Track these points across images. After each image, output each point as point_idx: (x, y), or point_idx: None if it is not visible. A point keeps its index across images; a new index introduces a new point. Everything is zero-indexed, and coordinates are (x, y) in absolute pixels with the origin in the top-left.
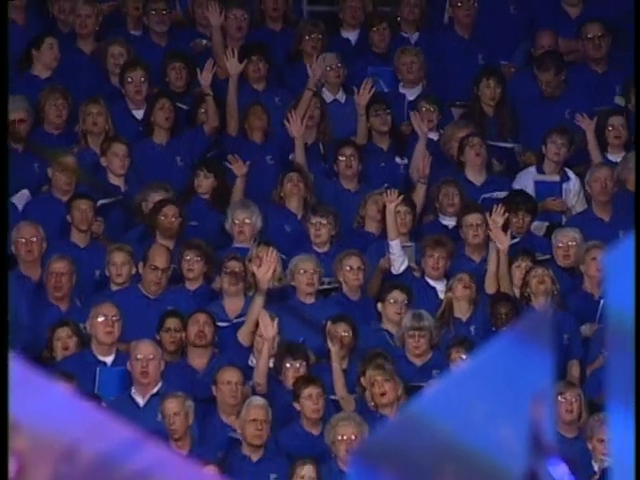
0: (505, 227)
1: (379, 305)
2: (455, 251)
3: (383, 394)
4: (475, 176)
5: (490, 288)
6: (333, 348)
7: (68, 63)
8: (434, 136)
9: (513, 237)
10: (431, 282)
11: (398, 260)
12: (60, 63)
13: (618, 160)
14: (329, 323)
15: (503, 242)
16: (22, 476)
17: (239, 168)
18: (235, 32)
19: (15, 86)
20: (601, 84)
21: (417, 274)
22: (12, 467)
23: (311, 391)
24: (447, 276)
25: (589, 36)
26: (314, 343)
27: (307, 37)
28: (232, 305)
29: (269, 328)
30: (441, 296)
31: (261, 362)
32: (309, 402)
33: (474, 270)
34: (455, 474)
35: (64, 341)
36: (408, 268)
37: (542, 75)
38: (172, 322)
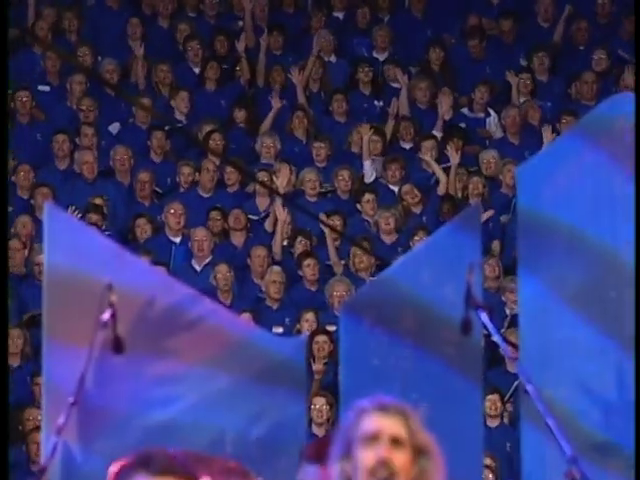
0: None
1: (357, 205)
2: (409, 164)
3: (361, 262)
4: None
5: (440, 191)
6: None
7: (150, 35)
8: (397, 86)
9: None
10: (391, 186)
11: (368, 174)
12: (144, 34)
13: (525, 101)
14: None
15: (455, 158)
16: (115, 319)
17: (277, 102)
18: (259, 12)
19: (109, 51)
20: (510, 50)
21: (383, 181)
22: (107, 315)
23: (309, 262)
24: (403, 182)
25: (502, 20)
26: (316, 229)
27: (311, 17)
28: (261, 203)
29: (282, 215)
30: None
31: (277, 240)
32: (308, 269)
33: (428, 178)
34: (412, 319)
35: (142, 227)
36: (377, 179)
37: (471, 42)
38: (215, 214)
